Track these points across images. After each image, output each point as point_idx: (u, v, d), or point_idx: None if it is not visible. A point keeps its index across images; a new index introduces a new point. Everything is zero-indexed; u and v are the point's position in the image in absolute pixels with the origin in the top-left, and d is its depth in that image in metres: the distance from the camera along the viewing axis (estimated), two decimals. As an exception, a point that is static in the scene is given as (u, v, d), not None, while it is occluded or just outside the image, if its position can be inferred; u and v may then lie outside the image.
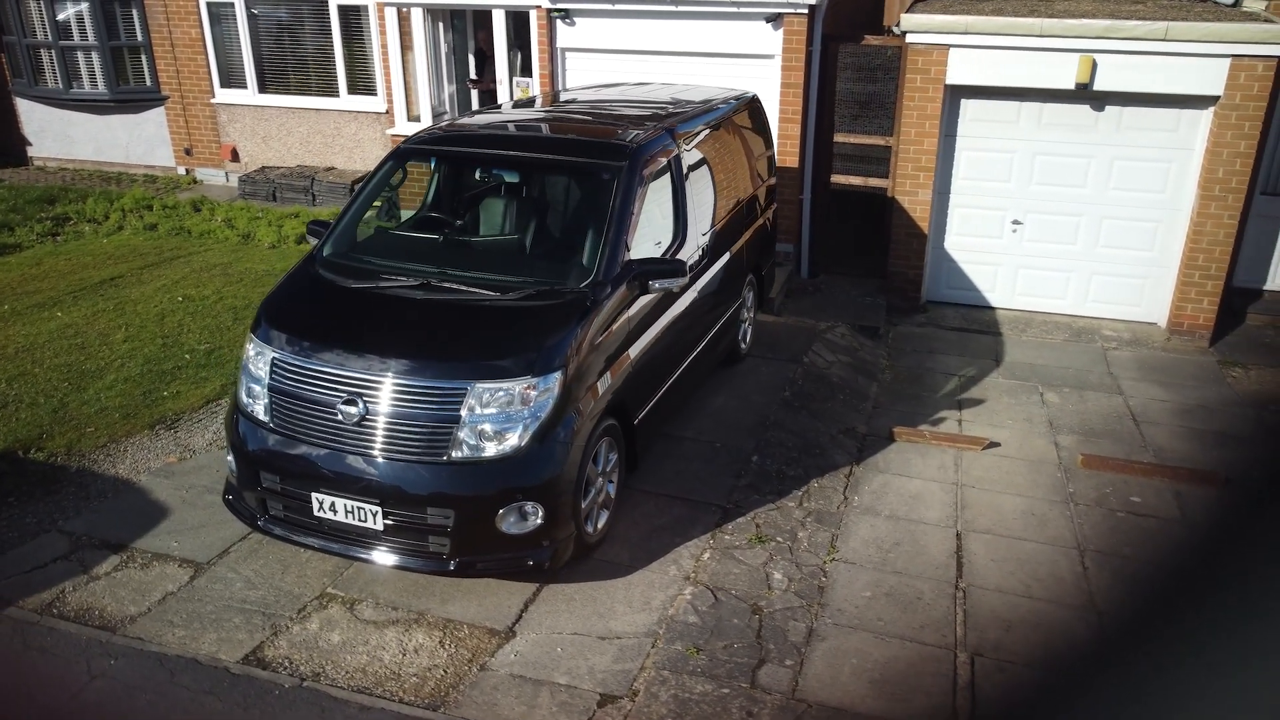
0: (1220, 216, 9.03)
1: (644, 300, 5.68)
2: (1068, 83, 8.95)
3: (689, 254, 6.36)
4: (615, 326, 5.35)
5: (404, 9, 10.73)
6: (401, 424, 4.78)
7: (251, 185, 12.58)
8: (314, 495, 4.88)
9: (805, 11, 9.54)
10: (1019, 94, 9.31)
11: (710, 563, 5.47)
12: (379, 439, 4.79)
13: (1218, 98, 8.71)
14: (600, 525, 5.45)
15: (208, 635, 4.76)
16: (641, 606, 5.07)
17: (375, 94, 12.31)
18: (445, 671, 4.57)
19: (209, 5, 12.51)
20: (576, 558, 5.21)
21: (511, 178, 6.23)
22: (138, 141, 13.55)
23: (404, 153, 6.14)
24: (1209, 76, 8.64)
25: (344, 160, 12.77)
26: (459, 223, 6.16)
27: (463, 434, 4.74)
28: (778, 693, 4.51)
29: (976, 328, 9.83)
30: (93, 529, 5.60)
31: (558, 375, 4.85)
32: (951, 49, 9.18)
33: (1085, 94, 9.05)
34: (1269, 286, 10.14)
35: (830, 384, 8.09)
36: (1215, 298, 9.35)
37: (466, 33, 11.95)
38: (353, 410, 4.79)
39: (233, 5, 12.38)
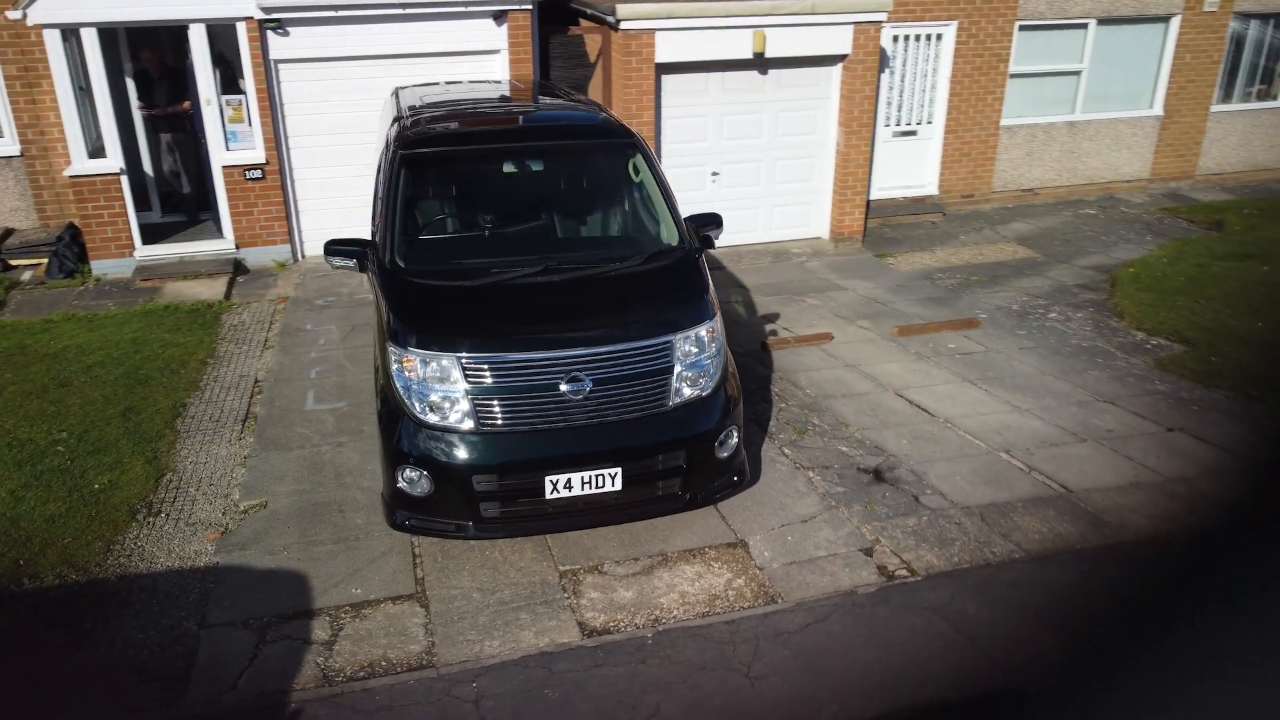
0: (859, 146, 11.88)
1: None
2: (748, 53, 11.04)
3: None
4: (700, 274, 6.13)
5: (70, 31, 9.31)
6: (627, 386, 5.15)
7: None
8: (547, 479, 5.04)
9: (529, 7, 10.39)
10: (707, 66, 11.21)
11: (796, 454, 6.56)
12: (608, 405, 5.11)
13: (846, 55, 11.46)
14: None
15: (522, 634, 4.73)
16: (798, 494, 6.04)
17: (1, 135, 10.35)
18: (742, 580, 5.16)
19: None
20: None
21: (536, 165, 6.45)
22: None
23: (410, 159, 6.04)
24: (840, 40, 11.33)
25: (-37, 219, 10.51)
26: (489, 218, 6.27)
27: (676, 382, 5.28)
28: (949, 504, 5.87)
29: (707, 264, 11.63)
30: (252, 611, 4.93)
31: (718, 316, 5.58)
32: (658, 32, 10.74)
33: (758, 61, 11.23)
34: (873, 196, 13.42)
35: (679, 324, 9.32)
36: (861, 210, 12.27)
37: (120, 54, 10.60)
38: (576, 386, 5.04)
39: None
